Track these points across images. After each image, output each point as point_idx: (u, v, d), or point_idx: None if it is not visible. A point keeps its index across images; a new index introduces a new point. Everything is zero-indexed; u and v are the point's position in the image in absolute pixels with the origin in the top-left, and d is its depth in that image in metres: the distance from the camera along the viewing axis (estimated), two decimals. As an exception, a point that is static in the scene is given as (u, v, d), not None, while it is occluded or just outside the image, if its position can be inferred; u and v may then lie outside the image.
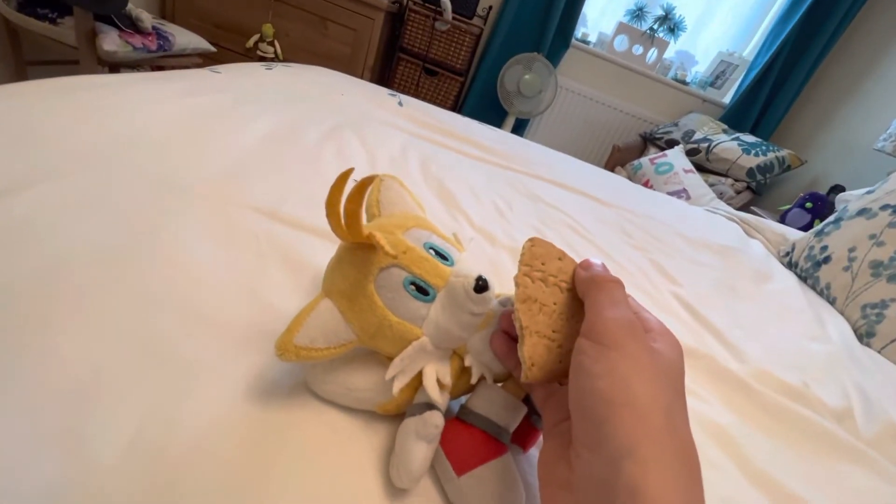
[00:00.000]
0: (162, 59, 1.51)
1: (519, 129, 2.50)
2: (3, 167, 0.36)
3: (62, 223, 0.32)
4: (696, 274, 0.77)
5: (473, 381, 0.27)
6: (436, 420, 0.24)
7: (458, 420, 0.27)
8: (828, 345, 0.68)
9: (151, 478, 0.21)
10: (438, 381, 0.26)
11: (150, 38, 1.43)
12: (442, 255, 0.28)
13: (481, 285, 0.25)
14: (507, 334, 0.27)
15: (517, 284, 0.24)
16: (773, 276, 0.92)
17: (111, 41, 1.30)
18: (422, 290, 0.26)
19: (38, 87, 0.51)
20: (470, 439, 0.26)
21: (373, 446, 0.27)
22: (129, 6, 1.33)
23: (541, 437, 0.31)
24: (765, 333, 0.64)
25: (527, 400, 0.29)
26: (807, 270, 0.98)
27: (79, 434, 0.21)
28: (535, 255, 0.25)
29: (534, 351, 0.23)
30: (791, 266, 1.04)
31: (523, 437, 0.30)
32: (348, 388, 0.27)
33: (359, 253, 0.26)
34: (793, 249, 1.06)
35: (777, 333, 0.66)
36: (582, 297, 0.24)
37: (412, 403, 0.27)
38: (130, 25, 1.38)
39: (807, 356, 0.61)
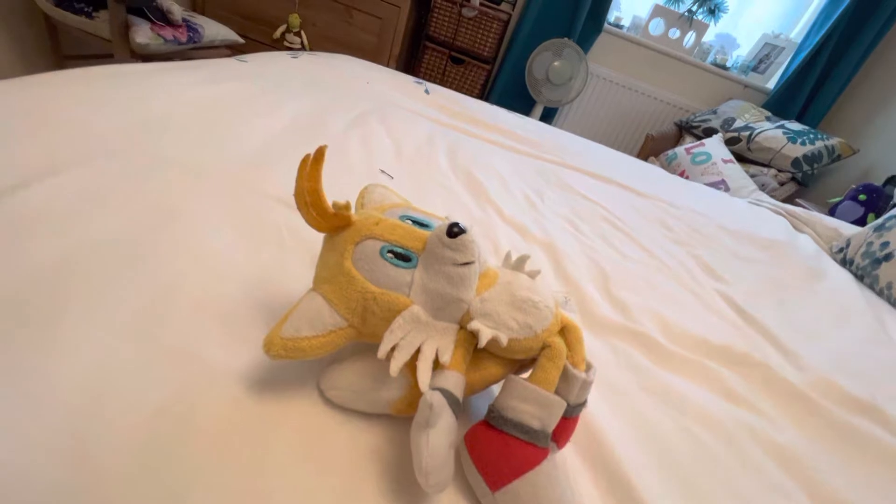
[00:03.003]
0: (192, 51, 1.52)
1: (547, 117, 2.42)
2: (25, 156, 0.35)
3: (80, 212, 0.31)
4: (743, 270, 0.71)
5: (482, 344, 0.24)
6: (428, 400, 0.22)
7: (488, 425, 0.24)
8: (893, 350, 0.62)
9: (158, 485, 0.19)
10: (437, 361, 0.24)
11: (180, 30, 1.44)
12: (421, 224, 0.26)
13: (455, 231, 0.23)
14: None
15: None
16: (826, 274, 0.85)
17: (143, 34, 1.32)
18: (402, 258, 0.24)
19: (65, 76, 0.51)
20: (503, 449, 0.23)
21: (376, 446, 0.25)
22: (160, -2, 1.34)
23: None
24: (822, 337, 0.58)
25: (558, 389, 0.25)
26: (864, 268, 0.90)
27: (85, 438, 0.20)
28: None
29: None
30: (845, 263, 0.96)
31: (556, 431, 0.26)
32: (356, 391, 0.25)
33: (335, 238, 0.25)
34: (847, 245, 0.98)
35: (835, 337, 0.60)
36: None
37: None
38: (162, 18, 1.40)
39: (870, 363, 0.56)
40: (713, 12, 2.32)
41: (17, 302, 0.24)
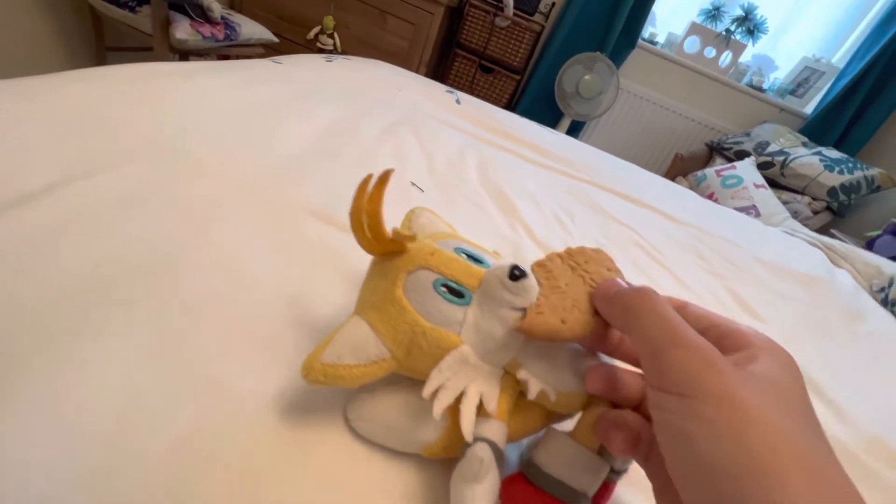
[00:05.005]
0: (228, 49, 1.55)
1: (574, 131, 2.40)
2: (66, 156, 0.35)
3: (111, 219, 0.31)
4: (781, 308, 0.68)
5: (531, 396, 0.23)
6: (479, 453, 0.20)
7: (525, 479, 0.23)
8: (941, 405, 0.58)
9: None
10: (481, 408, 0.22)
11: (218, 28, 1.47)
12: (475, 259, 0.25)
13: (517, 274, 0.22)
14: (607, 368, 0.23)
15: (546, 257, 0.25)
16: (866, 315, 0.81)
17: (183, 30, 1.35)
18: (455, 293, 0.23)
19: (107, 73, 0.51)
20: None
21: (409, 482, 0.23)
22: (201, -4, 1.37)
23: (614, 493, 0.26)
24: (866, 386, 0.55)
25: (601, 449, 0.24)
26: (908, 311, 0.86)
27: (107, 468, 0.19)
28: (584, 253, 0.25)
29: (542, 302, 0.22)
30: (888, 304, 0.91)
31: (595, 496, 0.25)
32: (388, 427, 0.24)
33: (385, 262, 0.25)
34: (890, 285, 0.93)
35: (880, 387, 0.57)
36: (621, 329, 0.20)
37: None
38: (201, 15, 1.43)
39: (919, 418, 0.52)
40: (752, 32, 2.27)
41: (43, 317, 0.23)
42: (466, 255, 0.25)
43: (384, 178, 0.24)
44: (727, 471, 0.14)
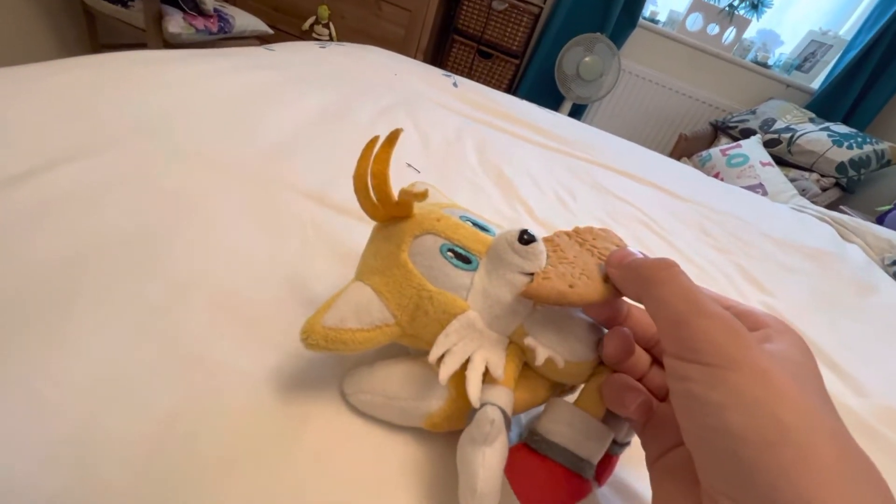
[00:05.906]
0: (222, 41, 1.54)
1: (576, 114, 2.36)
2: (52, 140, 0.34)
3: (99, 200, 0.30)
4: (789, 282, 0.66)
5: (539, 363, 0.22)
6: (489, 415, 0.20)
7: (529, 448, 0.22)
8: (957, 376, 0.57)
9: (162, 498, 0.18)
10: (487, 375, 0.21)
11: (211, 21, 1.45)
12: (481, 227, 0.24)
13: (527, 238, 0.22)
14: (624, 336, 0.22)
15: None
16: (878, 288, 0.79)
17: (176, 23, 1.33)
18: (462, 259, 0.22)
19: (99, 61, 0.51)
20: (547, 477, 0.21)
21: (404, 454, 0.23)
22: (193, -12, 1.35)
23: (616, 466, 0.26)
24: (879, 358, 0.54)
25: (605, 419, 0.23)
26: (921, 283, 0.83)
27: (87, 446, 0.18)
28: (591, 231, 0.24)
29: (549, 270, 0.22)
30: (900, 277, 0.89)
31: (599, 467, 0.24)
32: (388, 397, 0.23)
33: (390, 227, 0.24)
34: (902, 258, 0.91)
35: (894, 358, 0.55)
36: (635, 297, 0.19)
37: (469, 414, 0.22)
38: (194, 8, 1.41)
39: (934, 389, 0.51)
40: (756, 7, 2.21)
41: (23, 298, 0.23)
42: (472, 223, 0.24)
43: (392, 137, 0.23)
44: (756, 440, 0.13)
